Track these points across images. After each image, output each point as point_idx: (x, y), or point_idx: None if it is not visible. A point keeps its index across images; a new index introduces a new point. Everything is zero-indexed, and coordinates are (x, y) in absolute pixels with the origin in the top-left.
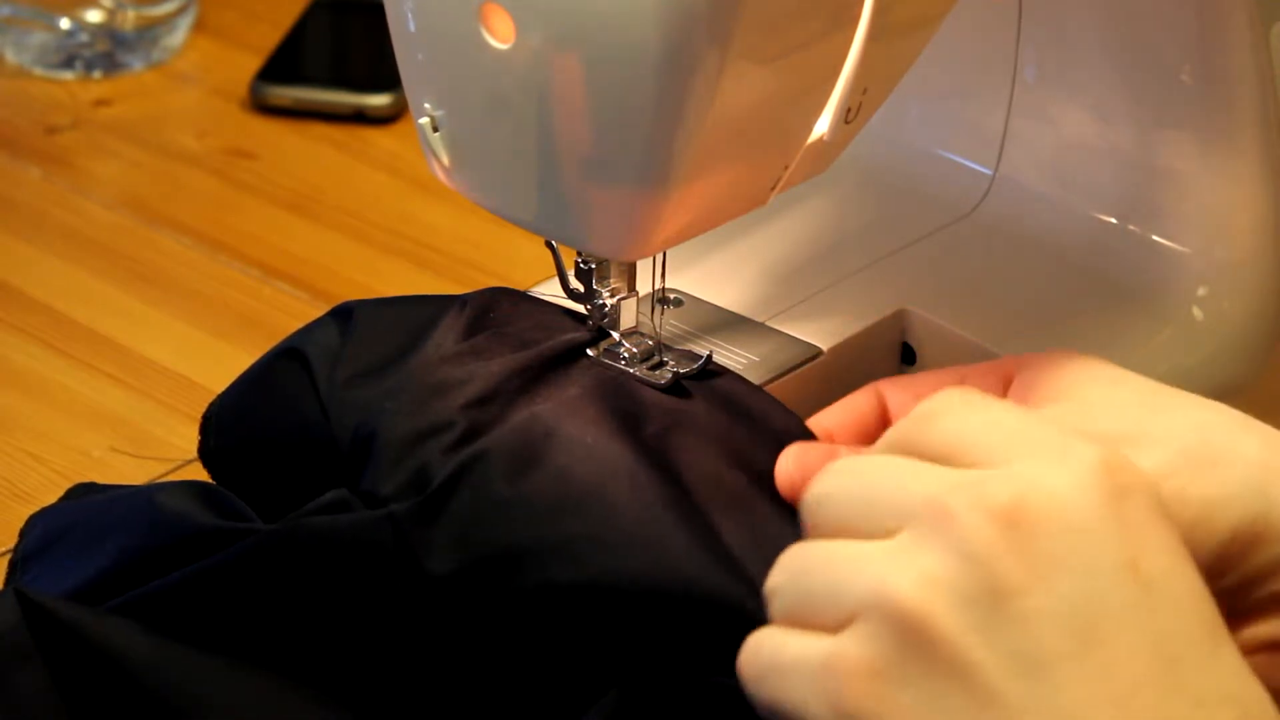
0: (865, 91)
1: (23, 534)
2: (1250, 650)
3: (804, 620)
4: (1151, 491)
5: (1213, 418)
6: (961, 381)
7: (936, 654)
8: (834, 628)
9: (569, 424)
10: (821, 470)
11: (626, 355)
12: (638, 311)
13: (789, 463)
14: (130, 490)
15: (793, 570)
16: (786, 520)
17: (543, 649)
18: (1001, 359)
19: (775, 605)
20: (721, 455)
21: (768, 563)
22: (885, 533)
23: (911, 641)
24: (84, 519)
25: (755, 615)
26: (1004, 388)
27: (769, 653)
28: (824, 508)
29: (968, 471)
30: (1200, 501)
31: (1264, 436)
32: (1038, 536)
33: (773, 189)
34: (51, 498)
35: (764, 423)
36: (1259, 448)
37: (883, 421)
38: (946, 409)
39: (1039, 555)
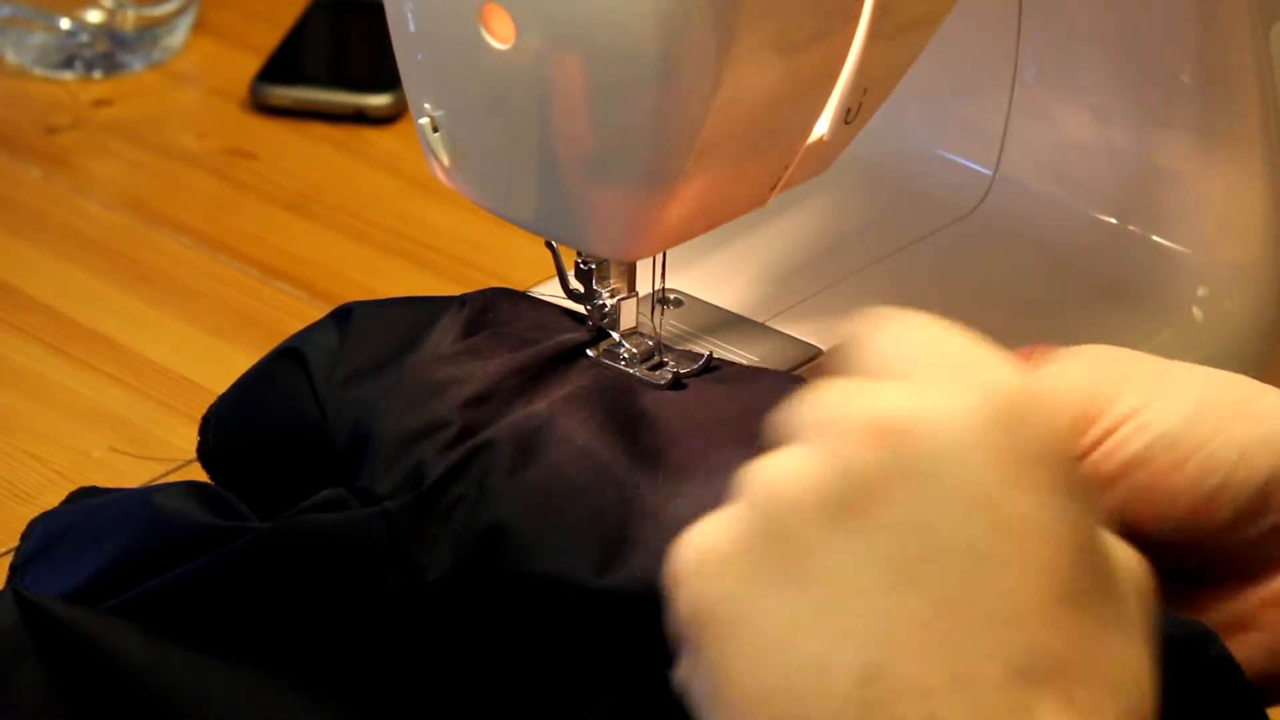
0: (865, 92)
1: (23, 538)
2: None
3: None
4: (1052, 435)
5: (1239, 378)
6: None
7: (781, 525)
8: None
9: (564, 422)
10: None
11: (626, 355)
12: (638, 312)
13: None
14: (128, 491)
15: None
16: None
17: (537, 648)
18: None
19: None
20: (723, 445)
21: None
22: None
23: (763, 512)
24: (81, 520)
25: None
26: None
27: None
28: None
29: (882, 382)
30: (1239, 440)
31: None
32: (903, 453)
33: (773, 189)
34: (51, 498)
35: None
36: None
37: None
38: (886, 326)
39: (899, 473)
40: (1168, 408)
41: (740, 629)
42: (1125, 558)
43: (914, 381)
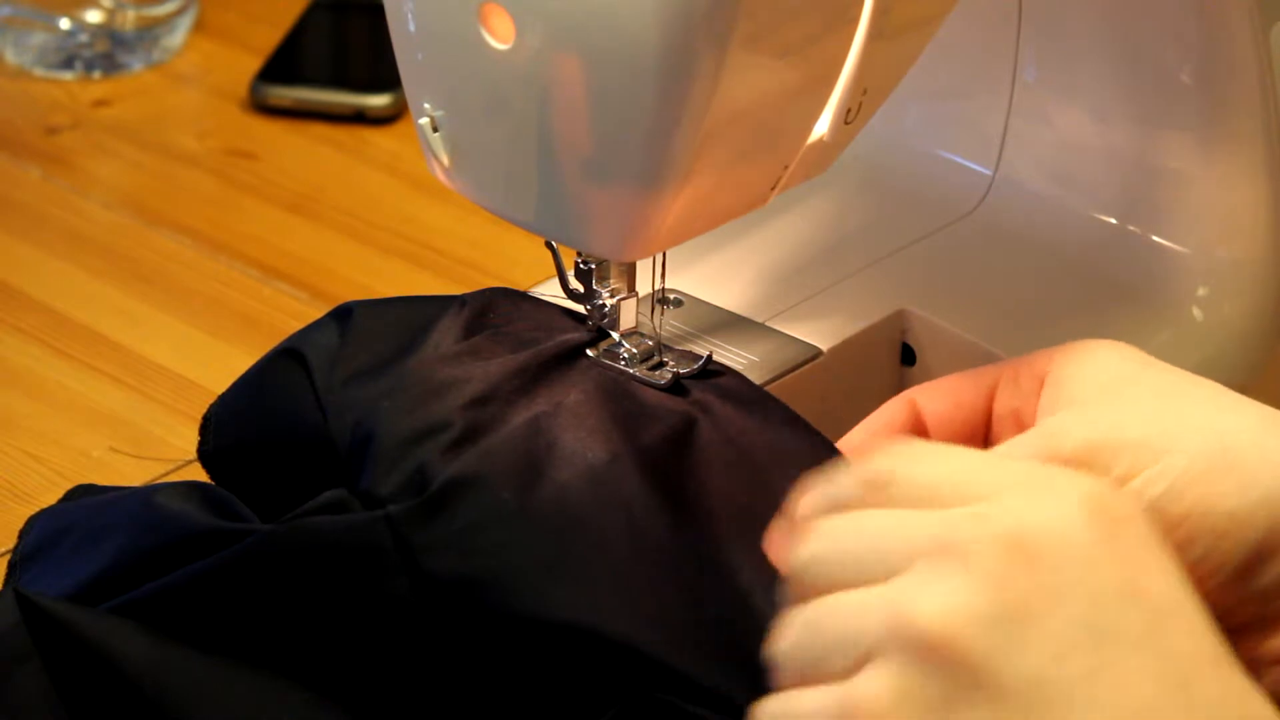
0: (865, 92)
1: (21, 535)
2: (1271, 662)
3: (814, 678)
4: (1143, 519)
5: (1235, 420)
6: (996, 381)
7: (961, 678)
8: (847, 675)
9: (571, 435)
10: (802, 535)
11: (626, 355)
12: (637, 312)
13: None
14: (128, 491)
15: (795, 631)
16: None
17: (537, 657)
18: (1034, 355)
19: (783, 672)
20: (729, 467)
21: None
22: (888, 576)
23: (935, 667)
24: (82, 520)
25: (717, 691)
26: (1039, 386)
27: (778, 712)
28: (816, 568)
29: (963, 508)
30: (1226, 512)
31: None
32: (1042, 563)
33: (773, 189)
34: (51, 498)
35: (768, 422)
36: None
37: (918, 433)
38: (916, 456)
39: (1046, 581)
40: (1153, 478)
41: None
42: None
43: (992, 499)
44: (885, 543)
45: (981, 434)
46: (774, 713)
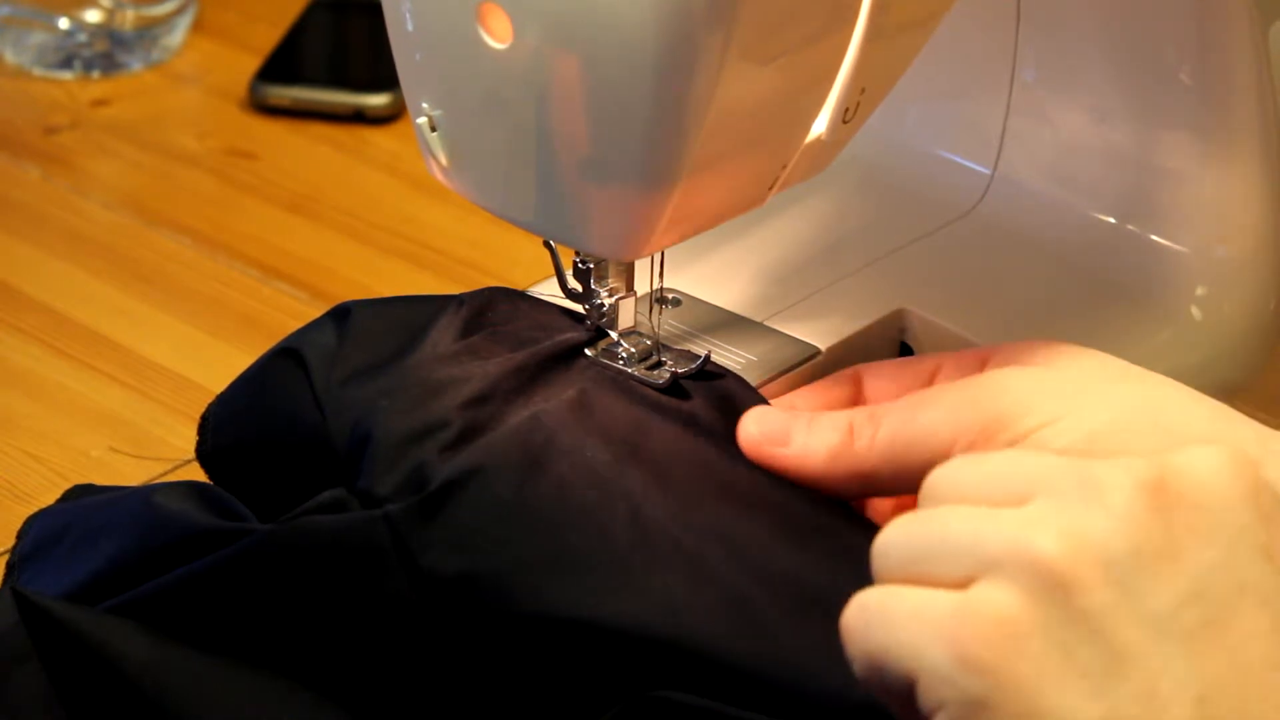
0: (863, 91)
1: (20, 536)
2: None
3: (920, 577)
4: (1271, 486)
5: (1168, 392)
6: (938, 368)
7: (1074, 608)
8: (956, 584)
9: (569, 432)
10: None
11: (625, 355)
12: (636, 311)
13: (750, 424)
14: (127, 491)
15: (909, 529)
16: (776, 529)
17: (538, 657)
18: (980, 347)
19: (886, 562)
20: (724, 461)
21: (766, 577)
22: (1019, 503)
23: (1052, 595)
24: (80, 520)
25: (728, 663)
26: (980, 370)
27: (879, 604)
28: (945, 484)
29: (1106, 457)
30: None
31: (1214, 412)
32: (1183, 508)
33: (771, 189)
34: (51, 498)
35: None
36: (1207, 422)
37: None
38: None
39: (1183, 525)
40: (1072, 425)
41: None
42: None
43: (1144, 444)
44: (1020, 473)
45: None
46: (876, 603)
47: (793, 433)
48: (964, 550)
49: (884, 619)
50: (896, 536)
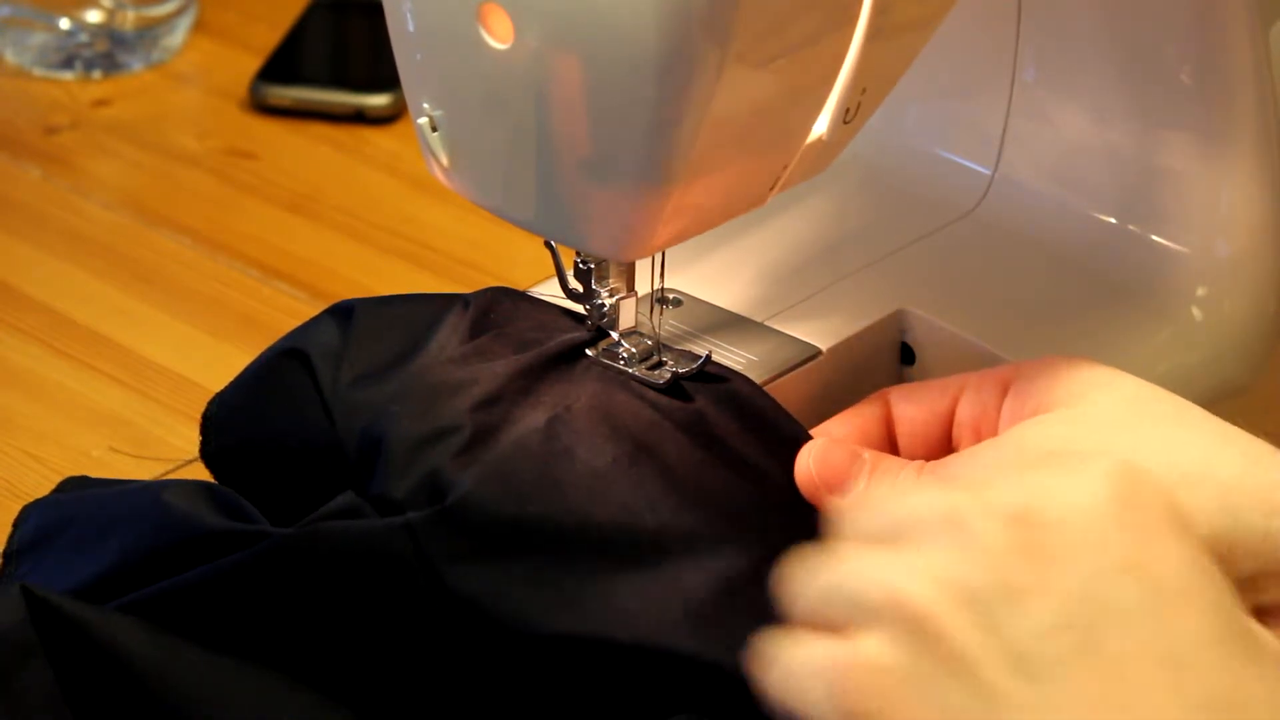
0: (864, 91)
1: (16, 525)
2: None
3: (820, 623)
4: (1164, 498)
5: (1189, 435)
6: (962, 389)
7: (944, 653)
8: (843, 631)
9: (586, 440)
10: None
11: (625, 355)
12: (637, 311)
13: (809, 461)
14: (135, 486)
15: (811, 572)
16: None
17: (549, 673)
18: (1001, 367)
19: (793, 607)
20: (733, 468)
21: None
22: (894, 543)
23: (922, 642)
24: (84, 513)
25: (732, 673)
26: (1002, 394)
27: (777, 653)
28: (844, 526)
29: (976, 486)
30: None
31: (1243, 452)
32: (1045, 537)
33: (772, 189)
34: None
35: (773, 429)
36: (1234, 466)
37: (887, 432)
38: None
39: (1044, 555)
40: None
41: None
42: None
43: (1030, 468)
44: (899, 514)
45: (942, 440)
46: (778, 652)
47: (851, 481)
48: (847, 598)
49: (780, 668)
50: (802, 579)
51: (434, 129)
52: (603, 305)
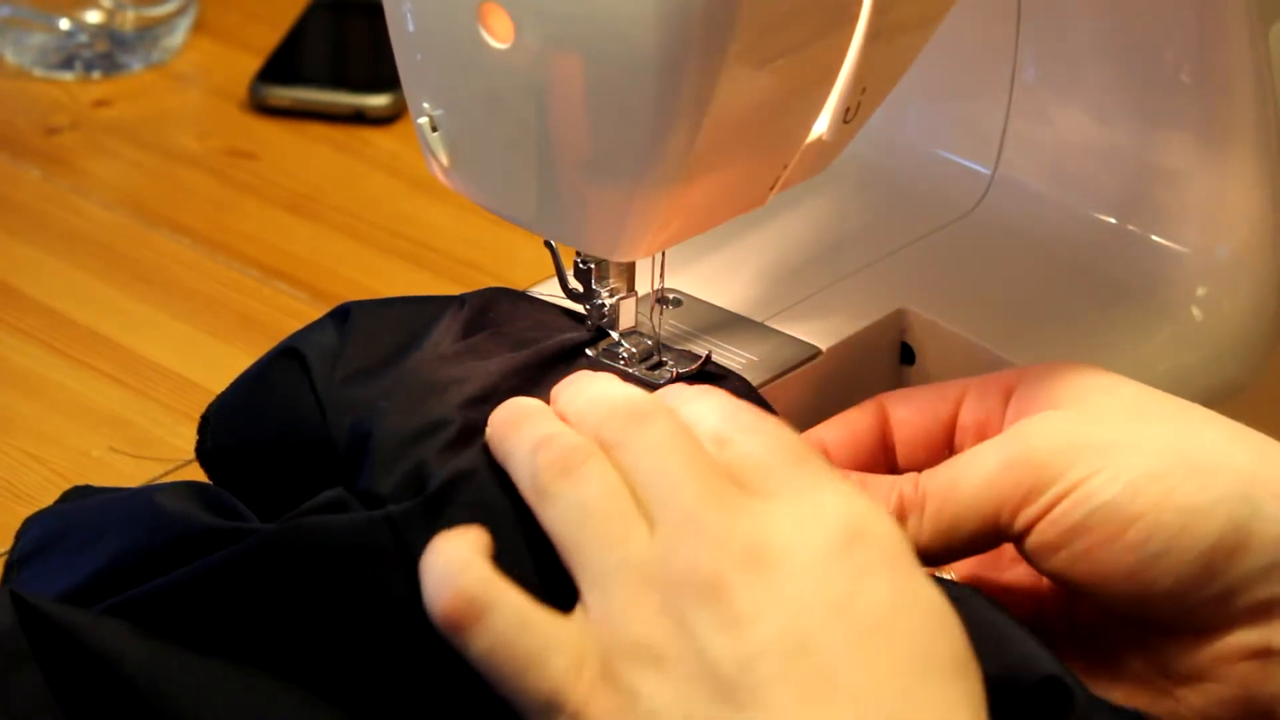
0: (864, 91)
1: (19, 536)
2: (1235, 658)
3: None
4: (894, 538)
5: (1203, 428)
6: (963, 393)
7: (641, 712)
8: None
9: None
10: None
11: (625, 355)
12: (636, 311)
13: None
14: (128, 491)
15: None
16: None
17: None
18: (1003, 371)
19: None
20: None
21: None
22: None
23: (621, 711)
24: (81, 521)
25: None
26: (1006, 398)
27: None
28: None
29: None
30: (1183, 509)
31: (1255, 445)
32: (770, 573)
33: (772, 189)
34: (51, 498)
35: None
36: (1247, 457)
37: (882, 438)
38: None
39: (767, 590)
40: (1112, 477)
41: None
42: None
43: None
44: (664, 484)
45: (944, 443)
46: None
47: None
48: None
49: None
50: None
51: (434, 129)
52: (603, 305)
